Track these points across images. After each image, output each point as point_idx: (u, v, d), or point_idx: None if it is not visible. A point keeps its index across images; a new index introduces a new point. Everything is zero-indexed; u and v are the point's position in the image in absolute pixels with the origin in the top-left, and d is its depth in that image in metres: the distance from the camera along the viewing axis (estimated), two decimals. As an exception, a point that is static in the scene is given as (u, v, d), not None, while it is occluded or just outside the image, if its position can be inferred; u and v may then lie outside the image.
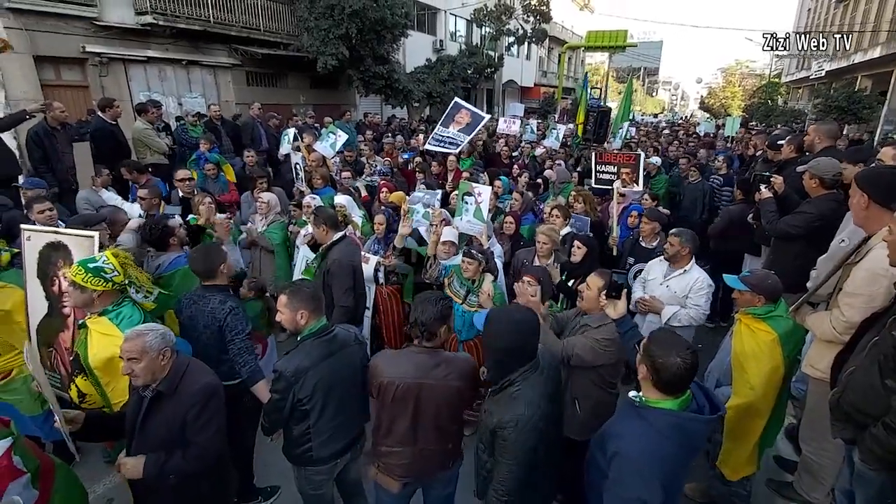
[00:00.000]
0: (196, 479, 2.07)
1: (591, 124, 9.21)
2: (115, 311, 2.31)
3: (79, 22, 9.14)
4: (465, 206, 4.18)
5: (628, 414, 1.79)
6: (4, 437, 1.73)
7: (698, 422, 1.68)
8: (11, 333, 2.79)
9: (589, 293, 2.52)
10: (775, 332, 2.43)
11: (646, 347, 1.73)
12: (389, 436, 2.16)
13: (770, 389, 2.43)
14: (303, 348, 2.15)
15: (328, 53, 11.82)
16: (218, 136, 7.47)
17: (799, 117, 22.56)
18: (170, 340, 2.00)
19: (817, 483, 2.67)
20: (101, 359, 2.25)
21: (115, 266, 2.26)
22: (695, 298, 3.27)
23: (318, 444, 2.21)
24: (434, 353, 2.16)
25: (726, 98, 49.23)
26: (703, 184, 6.42)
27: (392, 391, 2.07)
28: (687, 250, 3.31)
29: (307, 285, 2.30)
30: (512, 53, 22.92)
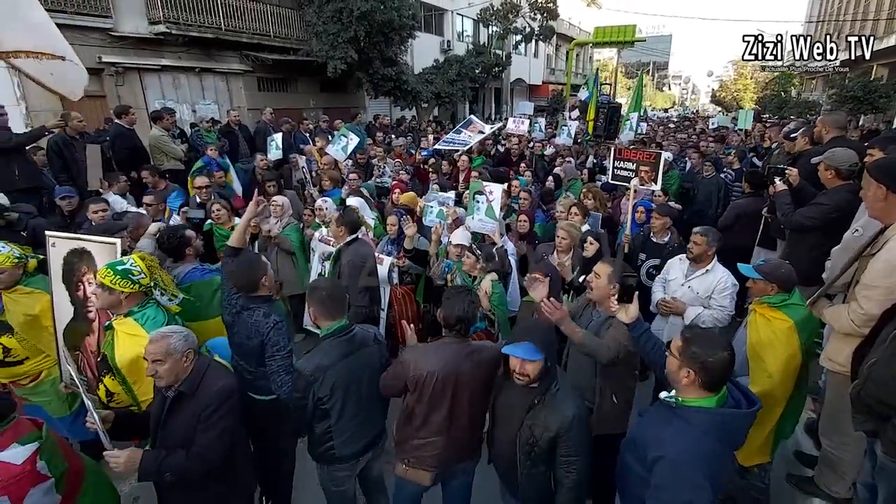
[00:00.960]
0: (207, 481, 2.08)
1: (602, 120, 9.17)
2: (141, 312, 2.38)
3: (95, 33, 9.36)
4: (476, 204, 4.21)
5: (665, 417, 1.74)
6: (31, 440, 1.76)
7: (740, 416, 1.67)
8: (40, 338, 2.87)
9: (598, 281, 2.50)
10: (791, 320, 2.43)
11: (686, 350, 1.67)
12: (424, 427, 2.19)
13: (788, 377, 2.42)
14: (321, 348, 2.20)
15: (337, 57, 11.94)
16: (235, 140, 7.62)
17: (813, 108, 22.16)
18: (192, 342, 2.06)
19: (838, 477, 2.65)
20: (127, 359, 2.31)
21: (143, 269, 2.34)
22: (719, 299, 3.16)
23: (339, 442, 2.25)
24: (464, 343, 2.23)
25: (738, 91, 48.46)
26: (717, 178, 6.36)
27: (431, 383, 2.11)
28: (713, 250, 3.22)
29: (325, 286, 2.30)
30: (519, 52, 22.83)
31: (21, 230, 4.07)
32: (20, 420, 1.82)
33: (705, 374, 1.63)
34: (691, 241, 3.30)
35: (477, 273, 3.39)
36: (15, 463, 1.67)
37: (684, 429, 1.63)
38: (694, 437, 1.60)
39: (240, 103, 12.28)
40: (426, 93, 15.14)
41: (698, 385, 1.66)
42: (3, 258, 2.66)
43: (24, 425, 1.81)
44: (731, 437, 1.67)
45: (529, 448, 1.92)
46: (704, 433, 1.61)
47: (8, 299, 2.77)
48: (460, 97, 17.35)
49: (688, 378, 1.66)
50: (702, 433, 1.61)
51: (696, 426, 1.62)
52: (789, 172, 3.68)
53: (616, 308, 2.22)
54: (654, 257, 4.09)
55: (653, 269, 4.12)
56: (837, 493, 2.67)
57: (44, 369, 2.95)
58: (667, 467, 1.60)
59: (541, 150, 8.78)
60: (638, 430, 1.90)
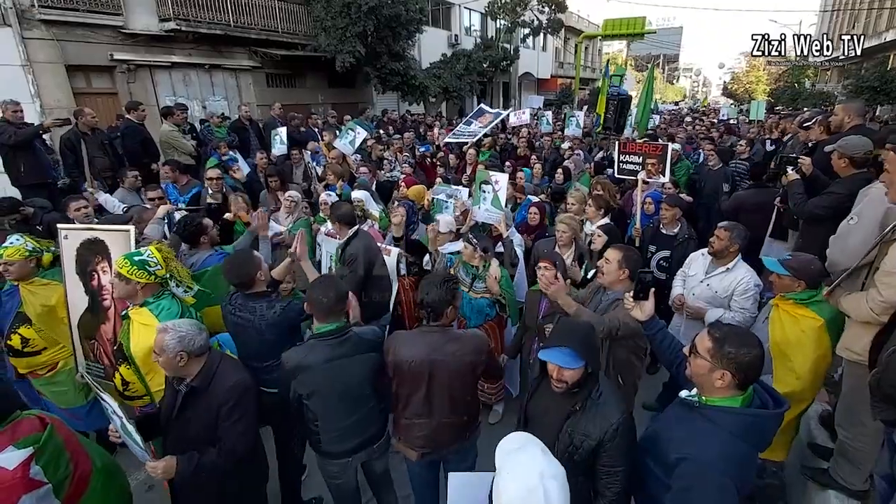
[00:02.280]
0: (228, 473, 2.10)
1: (612, 112, 9.07)
2: (156, 302, 2.40)
3: (106, 31, 9.44)
4: (482, 194, 4.19)
5: (687, 416, 1.65)
6: (26, 445, 1.66)
7: (769, 418, 1.57)
8: (56, 328, 2.92)
9: (609, 266, 2.49)
10: (822, 319, 2.35)
11: (718, 352, 1.55)
12: (407, 409, 2.28)
13: (817, 378, 2.37)
14: (307, 345, 2.20)
15: (345, 52, 11.94)
16: (247, 136, 7.67)
17: (828, 99, 21.72)
18: (188, 344, 1.99)
19: (855, 468, 2.60)
20: (141, 348, 2.33)
21: (159, 260, 2.37)
22: (740, 301, 3.01)
23: (326, 439, 2.26)
24: (444, 331, 2.25)
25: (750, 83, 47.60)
26: (724, 170, 6.27)
27: (405, 368, 2.18)
28: (736, 247, 3.08)
29: (323, 287, 2.21)
30: (527, 45, 22.61)
31: (37, 224, 4.14)
32: (22, 420, 1.74)
33: (741, 374, 1.53)
34: (714, 236, 3.17)
35: (477, 262, 3.37)
36: (6, 468, 1.59)
37: (711, 430, 1.54)
38: (721, 439, 1.52)
39: (249, 99, 12.34)
40: (434, 87, 15.08)
41: (733, 386, 1.56)
42: (14, 251, 2.71)
43: (26, 426, 1.72)
44: (759, 438, 1.58)
45: (569, 457, 1.78)
46: (732, 435, 1.52)
47: (25, 291, 2.82)
48: (468, 91, 17.26)
49: (723, 380, 1.55)
50: (729, 435, 1.52)
51: (723, 427, 1.53)
52: (802, 161, 3.61)
53: (632, 306, 2.15)
54: (664, 249, 4.06)
55: (662, 261, 4.08)
56: (853, 484, 2.62)
57: (60, 359, 3.00)
58: (692, 469, 1.51)
59: (558, 142, 8.71)
60: (656, 431, 1.80)
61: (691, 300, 3.27)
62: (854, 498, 2.62)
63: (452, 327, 2.37)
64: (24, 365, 2.91)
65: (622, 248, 2.57)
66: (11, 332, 2.82)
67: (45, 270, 2.92)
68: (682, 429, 1.63)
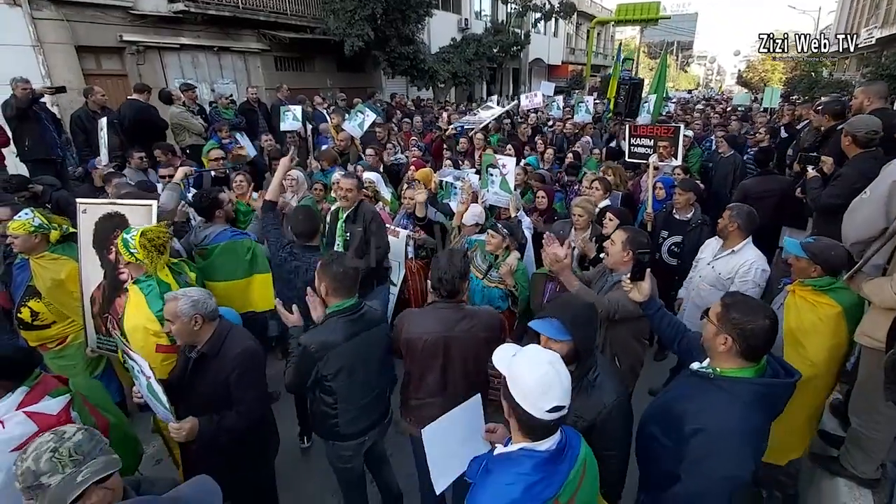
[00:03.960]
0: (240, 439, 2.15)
1: (623, 97, 8.91)
2: (148, 281, 2.42)
3: (115, 11, 9.38)
4: (490, 177, 4.14)
5: (701, 387, 1.66)
6: (62, 393, 1.85)
7: (782, 387, 1.60)
8: (66, 303, 2.95)
9: (613, 248, 2.49)
10: (840, 306, 2.30)
11: (725, 317, 1.60)
12: (420, 389, 2.24)
13: (832, 367, 2.32)
14: (328, 325, 2.13)
15: (354, 35, 11.79)
16: (255, 118, 7.64)
17: (846, 88, 21.18)
18: (202, 308, 2.06)
19: (866, 456, 2.56)
20: (130, 325, 2.38)
21: (136, 245, 2.34)
22: (738, 284, 2.97)
23: (344, 420, 2.23)
24: (457, 307, 2.23)
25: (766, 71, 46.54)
26: (734, 157, 6.16)
27: (419, 346, 2.15)
28: (735, 226, 3.05)
29: (339, 261, 2.21)
30: (539, 30, 22.31)
31: (46, 202, 4.18)
32: (46, 376, 1.90)
33: (744, 342, 1.56)
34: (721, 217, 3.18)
35: (501, 252, 3.32)
36: (50, 413, 1.73)
37: (726, 400, 1.56)
38: (737, 409, 1.53)
39: (257, 82, 12.26)
40: (443, 72, 14.90)
41: (735, 353, 1.58)
42: (19, 225, 2.73)
43: (52, 382, 1.89)
44: (772, 408, 1.60)
45: None
46: (747, 405, 1.53)
47: (35, 265, 2.85)
48: (478, 77, 17.05)
49: (724, 345, 1.59)
50: (744, 405, 1.53)
51: (738, 397, 1.55)
52: (824, 161, 3.56)
53: (630, 287, 2.15)
54: (676, 234, 4.00)
55: (674, 247, 4.03)
56: (864, 473, 2.59)
57: (70, 334, 3.04)
58: (708, 440, 1.53)
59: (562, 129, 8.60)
60: (666, 402, 1.80)
61: (697, 281, 3.28)
62: (864, 486, 2.59)
63: (465, 304, 2.34)
64: (34, 338, 2.94)
65: (628, 230, 2.56)
66: (21, 305, 2.86)
67: (55, 246, 2.93)
68: (696, 400, 1.64)
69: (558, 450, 1.31)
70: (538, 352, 1.38)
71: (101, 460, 1.30)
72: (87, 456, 1.29)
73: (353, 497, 2.53)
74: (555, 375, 1.27)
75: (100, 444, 1.33)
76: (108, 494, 1.31)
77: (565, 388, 1.28)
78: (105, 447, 1.34)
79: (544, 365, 1.29)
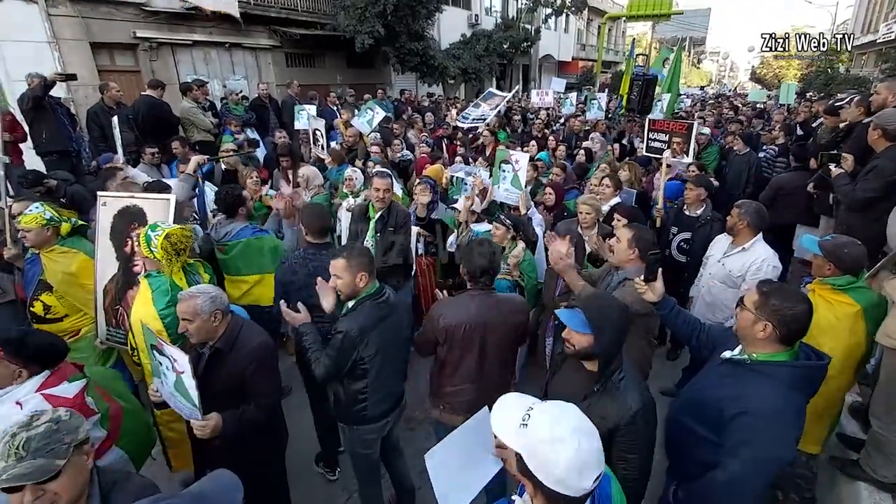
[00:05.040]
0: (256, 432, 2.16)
1: (636, 94, 8.79)
2: (158, 277, 2.43)
3: (129, 8, 9.46)
4: (502, 174, 4.11)
5: (737, 374, 1.71)
6: (78, 379, 1.91)
7: (818, 368, 1.64)
8: (77, 296, 2.97)
9: (619, 245, 2.49)
10: (858, 305, 2.26)
11: (764, 304, 1.64)
12: (455, 375, 2.30)
13: (849, 366, 2.29)
14: (362, 309, 2.18)
15: (364, 31, 11.78)
16: (266, 114, 7.66)
17: (863, 84, 20.75)
18: (220, 304, 2.08)
19: (887, 460, 2.50)
20: (134, 319, 2.39)
21: (158, 246, 2.35)
22: (751, 282, 2.91)
23: (372, 402, 2.28)
24: (490, 293, 2.31)
25: (780, 67, 45.72)
26: (749, 155, 6.05)
27: (460, 333, 2.21)
28: (744, 224, 3.01)
29: (361, 247, 2.33)
30: (549, 26, 22.01)
31: (60, 197, 4.22)
32: (65, 363, 1.99)
33: (784, 327, 1.61)
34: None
35: (507, 244, 3.32)
36: (66, 396, 1.81)
37: (769, 384, 1.60)
38: (781, 392, 1.58)
39: (269, 78, 12.32)
40: (453, 68, 14.82)
41: (774, 339, 1.63)
42: (31, 218, 2.75)
43: (70, 368, 1.98)
44: (811, 388, 1.65)
45: None
46: (790, 387, 1.59)
47: (46, 258, 2.87)
48: (487, 73, 16.94)
49: (764, 331, 1.63)
50: (786, 387, 1.58)
51: (780, 380, 1.59)
52: (844, 158, 3.48)
53: (644, 289, 2.13)
54: (686, 230, 3.94)
55: (683, 243, 3.97)
56: (885, 476, 2.53)
57: (82, 327, 3.05)
58: (752, 423, 1.56)
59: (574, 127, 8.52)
60: (699, 392, 1.83)
61: (707, 278, 3.26)
62: (885, 491, 2.53)
63: (493, 291, 2.39)
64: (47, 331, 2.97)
65: (634, 228, 2.55)
66: (34, 299, 2.88)
67: (65, 239, 2.95)
68: (733, 386, 1.67)
69: None
70: (554, 418, 1.10)
71: (37, 464, 1.22)
72: (30, 454, 1.22)
73: (369, 488, 2.56)
74: (587, 445, 1.05)
75: (54, 445, 1.26)
76: (48, 497, 1.25)
77: (599, 451, 1.08)
78: (59, 450, 1.27)
79: (570, 438, 1.05)
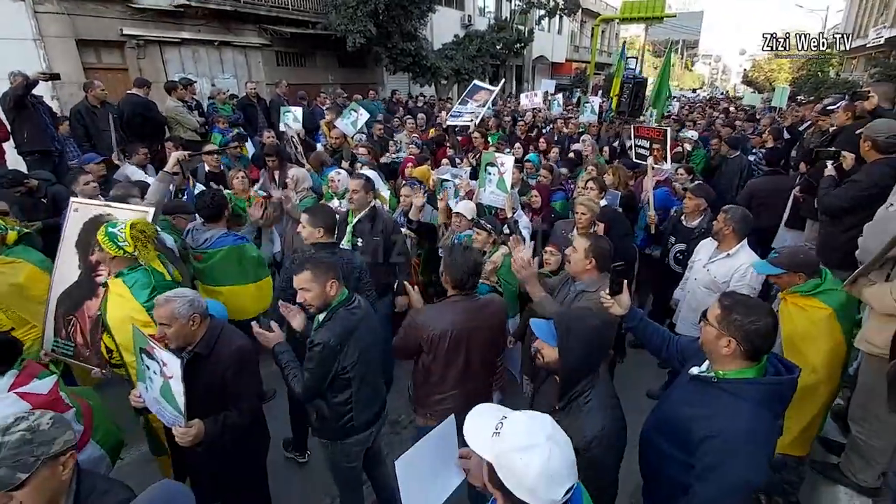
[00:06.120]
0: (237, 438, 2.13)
1: (627, 96, 8.82)
2: (131, 274, 2.39)
3: (116, 5, 9.36)
4: (487, 176, 4.09)
5: (706, 392, 1.61)
6: (49, 375, 1.94)
7: (787, 384, 1.57)
8: (25, 307, 2.79)
9: (576, 255, 2.50)
10: (830, 307, 2.27)
11: (726, 319, 1.56)
12: (443, 383, 2.28)
13: (834, 368, 2.29)
14: (337, 318, 2.13)
15: (356, 31, 11.73)
16: (254, 113, 7.58)
17: (853, 88, 21.01)
18: (198, 307, 2.05)
19: (867, 465, 2.52)
20: (114, 317, 2.34)
21: (127, 238, 2.31)
22: (735, 288, 2.89)
23: (358, 411, 2.25)
24: (472, 298, 2.30)
25: (772, 71, 46.20)
26: (741, 159, 6.09)
27: (447, 340, 2.19)
28: (730, 229, 3.01)
29: (324, 256, 2.31)
30: (542, 28, 22.11)
31: (41, 197, 4.15)
32: (30, 362, 2.03)
33: (748, 343, 1.52)
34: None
35: (489, 248, 3.30)
36: (41, 392, 1.83)
37: (736, 403, 1.52)
38: (748, 411, 1.50)
39: (258, 78, 12.23)
40: (445, 69, 14.81)
41: (738, 355, 1.55)
42: None
43: (36, 366, 2.03)
44: (780, 405, 1.58)
45: None
46: (759, 405, 1.50)
47: None
48: (480, 74, 16.93)
49: (728, 347, 1.55)
50: (755, 405, 1.50)
51: (747, 399, 1.51)
52: (844, 156, 3.44)
53: (609, 302, 2.11)
54: (682, 241, 3.87)
55: (678, 255, 3.93)
56: (865, 481, 2.55)
57: (29, 340, 2.81)
58: (721, 447, 1.48)
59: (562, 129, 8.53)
60: (670, 411, 1.74)
61: (692, 284, 3.25)
62: (865, 495, 2.55)
63: (476, 295, 2.38)
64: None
65: (590, 237, 2.57)
66: None
67: (10, 249, 2.80)
68: (703, 406, 1.59)
69: None
70: (526, 427, 1.08)
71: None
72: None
73: (350, 494, 2.53)
74: (558, 453, 1.03)
75: (21, 457, 1.27)
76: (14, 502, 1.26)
77: (572, 461, 1.06)
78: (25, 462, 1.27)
79: (541, 446, 1.03)
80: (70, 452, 1.38)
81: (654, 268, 4.22)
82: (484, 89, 6.52)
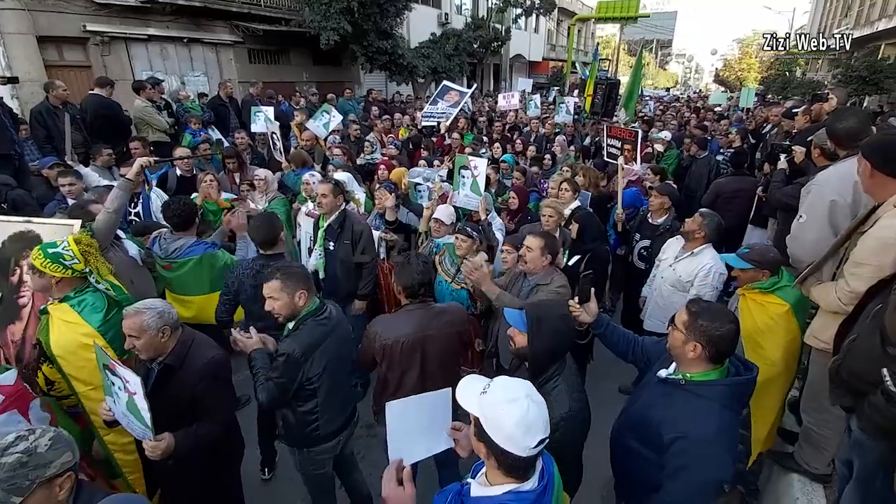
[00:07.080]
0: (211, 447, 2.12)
1: (600, 97, 8.97)
2: (78, 297, 2.22)
3: (79, 0, 9.03)
4: (462, 179, 4.12)
5: (673, 394, 1.70)
6: (7, 370, 1.94)
7: (747, 383, 1.67)
8: None
9: (531, 254, 2.61)
10: (787, 303, 2.40)
11: (693, 324, 1.63)
12: (400, 391, 2.26)
13: (790, 361, 2.43)
14: (304, 329, 2.12)
15: (330, 28, 11.54)
16: (226, 113, 7.44)
17: (817, 88, 21.77)
18: (168, 319, 2.01)
19: (818, 453, 2.65)
20: (63, 345, 2.15)
21: (76, 253, 2.17)
22: (697, 286, 3.07)
23: (324, 421, 2.24)
24: (428, 306, 2.32)
25: (742, 70, 47.50)
26: (710, 158, 6.27)
27: (398, 350, 2.21)
28: (703, 234, 3.12)
29: (296, 266, 2.30)
30: (519, 27, 22.24)
31: (1, 202, 4.00)
32: None
33: (713, 347, 1.61)
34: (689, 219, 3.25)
35: (471, 255, 3.29)
36: (8, 384, 1.85)
37: (701, 404, 1.61)
38: (713, 412, 1.59)
39: (230, 76, 11.96)
40: (422, 67, 14.76)
41: (704, 358, 1.64)
42: None
43: None
44: (741, 404, 1.69)
45: None
46: (723, 406, 1.60)
47: None
48: (458, 73, 16.94)
49: (694, 352, 1.64)
50: (720, 406, 1.60)
51: (712, 400, 1.61)
52: (796, 150, 3.62)
53: (578, 311, 2.16)
54: (647, 238, 4.02)
55: (643, 251, 4.07)
56: (816, 468, 2.68)
57: None
58: (689, 448, 1.56)
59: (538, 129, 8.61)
60: (639, 411, 1.82)
61: (659, 282, 3.35)
62: (816, 482, 2.68)
63: (432, 302, 2.41)
64: None
65: (543, 236, 2.69)
66: None
67: None
68: (671, 408, 1.68)
69: (542, 486, 1.23)
70: (509, 385, 1.24)
71: None
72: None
73: (322, 498, 2.53)
74: (535, 408, 1.18)
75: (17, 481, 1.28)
76: None
77: (545, 418, 1.21)
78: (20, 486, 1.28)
79: (521, 400, 1.18)
80: (67, 474, 1.38)
81: (623, 265, 4.35)
82: (454, 90, 6.55)
